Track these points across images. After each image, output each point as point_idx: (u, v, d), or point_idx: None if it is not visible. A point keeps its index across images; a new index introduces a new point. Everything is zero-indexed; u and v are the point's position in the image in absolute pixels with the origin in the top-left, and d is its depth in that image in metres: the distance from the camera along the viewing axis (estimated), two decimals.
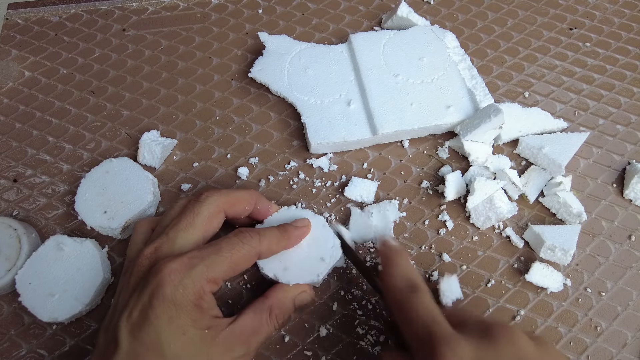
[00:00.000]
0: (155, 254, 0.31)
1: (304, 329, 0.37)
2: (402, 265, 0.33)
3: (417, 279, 0.32)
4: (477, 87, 0.46)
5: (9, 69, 0.50)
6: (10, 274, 0.37)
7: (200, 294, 0.29)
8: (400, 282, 0.32)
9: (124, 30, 0.53)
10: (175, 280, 0.29)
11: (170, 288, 0.28)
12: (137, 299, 0.29)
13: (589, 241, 0.41)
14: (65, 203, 0.42)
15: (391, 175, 0.44)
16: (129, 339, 0.28)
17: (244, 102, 0.48)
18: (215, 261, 0.30)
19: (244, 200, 0.36)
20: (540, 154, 0.43)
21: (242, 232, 0.33)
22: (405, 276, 0.32)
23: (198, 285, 0.29)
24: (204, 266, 0.30)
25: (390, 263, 0.33)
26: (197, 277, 0.29)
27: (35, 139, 0.46)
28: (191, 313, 0.29)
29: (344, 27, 0.53)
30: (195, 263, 0.30)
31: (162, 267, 0.29)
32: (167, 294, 0.28)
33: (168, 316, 0.28)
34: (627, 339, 0.37)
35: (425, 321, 0.28)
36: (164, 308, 0.28)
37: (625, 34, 0.53)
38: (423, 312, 0.29)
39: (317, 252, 0.36)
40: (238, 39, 0.52)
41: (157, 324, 0.28)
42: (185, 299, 0.29)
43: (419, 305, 0.30)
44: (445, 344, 0.26)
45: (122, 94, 0.48)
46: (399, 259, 0.34)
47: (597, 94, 0.49)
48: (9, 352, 0.36)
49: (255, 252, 0.32)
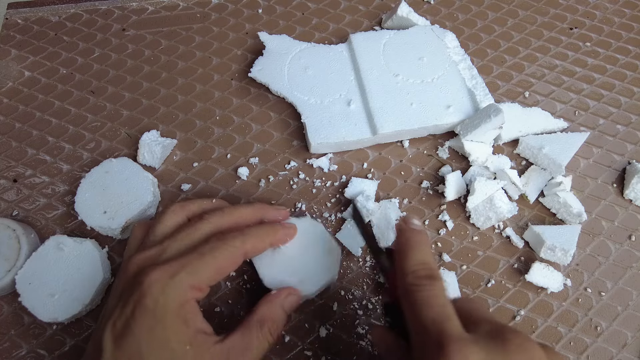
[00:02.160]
0: (144, 262, 0.30)
1: (304, 329, 0.37)
2: (422, 249, 0.30)
3: (435, 267, 0.30)
4: (477, 87, 0.46)
5: (8, 69, 0.50)
6: (10, 274, 0.37)
7: (181, 303, 0.29)
8: (416, 267, 0.29)
9: (123, 30, 0.53)
10: (156, 291, 0.28)
11: (152, 299, 0.28)
12: (121, 309, 0.29)
13: (589, 241, 0.41)
14: (65, 203, 0.42)
15: (391, 175, 0.44)
16: (112, 347, 0.28)
17: (244, 102, 0.48)
18: (197, 267, 0.30)
19: (247, 220, 0.35)
20: (541, 154, 0.43)
21: (224, 234, 0.32)
22: (423, 261, 0.29)
23: (181, 292, 0.29)
24: (186, 274, 0.29)
25: (410, 244, 0.30)
26: (179, 285, 0.29)
27: (35, 139, 0.46)
28: (172, 325, 0.28)
29: (344, 27, 0.53)
30: (177, 271, 0.29)
31: (145, 277, 0.29)
32: (148, 306, 0.28)
33: (148, 327, 0.28)
34: (627, 339, 0.37)
35: (437, 316, 0.27)
36: (146, 320, 0.28)
37: (626, 33, 0.53)
38: (436, 305, 0.27)
39: (318, 263, 0.36)
40: (238, 38, 0.52)
41: (138, 335, 0.28)
42: (166, 309, 0.28)
43: (432, 297, 0.28)
44: (456, 345, 0.25)
45: (122, 94, 0.48)
46: (419, 242, 0.30)
47: (598, 94, 0.49)
48: (9, 352, 0.36)
49: (240, 253, 0.32)
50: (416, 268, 0.29)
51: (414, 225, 0.31)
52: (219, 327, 0.37)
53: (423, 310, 0.27)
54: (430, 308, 0.27)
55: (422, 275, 0.29)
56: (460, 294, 0.38)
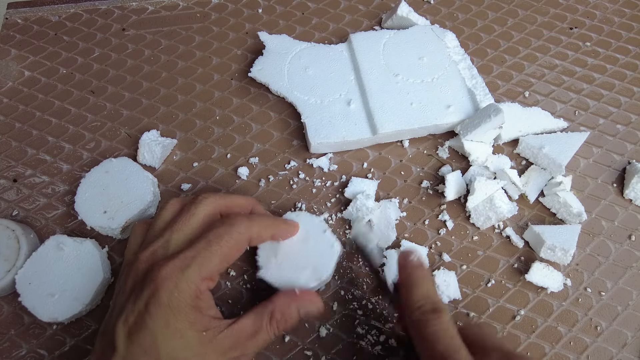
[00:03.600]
0: (152, 258, 0.31)
1: (304, 328, 0.37)
2: (424, 284, 0.32)
3: (439, 299, 0.31)
4: (477, 87, 0.46)
5: (8, 69, 0.50)
6: (10, 274, 0.37)
7: (196, 294, 0.29)
8: (421, 302, 0.30)
9: (123, 30, 0.53)
10: (170, 286, 0.29)
11: (166, 294, 0.28)
12: (134, 304, 0.29)
13: (589, 241, 0.41)
14: (65, 203, 0.42)
15: (391, 175, 0.44)
16: (125, 342, 0.28)
17: (243, 102, 0.48)
18: (206, 258, 0.30)
19: (240, 205, 0.36)
20: (541, 154, 0.43)
21: (229, 219, 0.32)
22: (427, 296, 0.31)
23: (193, 286, 0.29)
24: (196, 265, 0.30)
25: (412, 281, 0.32)
26: (191, 279, 0.29)
27: (35, 139, 0.46)
28: (189, 315, 0.29)
29: (344, 27, 0.53)
30: (188, 264, 0.29)
31: (157, 274, 0.29)
32: (163, 300, 0.28)
33: (165, 321, 0.28)
34: (627, 339, 0.37)
35: (446, 349, 0.28)
36: (161, 313, 0.28)
37: (626, 33, 0.53)
38: (444, 337, 0.28)
39: (318, 257, 0.36)
40: (238, 38, 0.52)
41: (153, 328, 0.28)
42: (181, 303, 0.29)
43: (440, 330, 0.29)
44: None
45: (122, 94, 0.48)
46: (421, 277, 0.32)
47: (597, 94, 0.49)
48: (9, 352, 0.36)
49: (245, 238, 0.32)
50: (421, 304, 0.30)
51: (413, 261, 0.33)
52: None
53: (432, 342, 0.28)
54: (439, 341, 0.28)
55: (428, 310, 0.30)
56: (460, 293, 0.38)
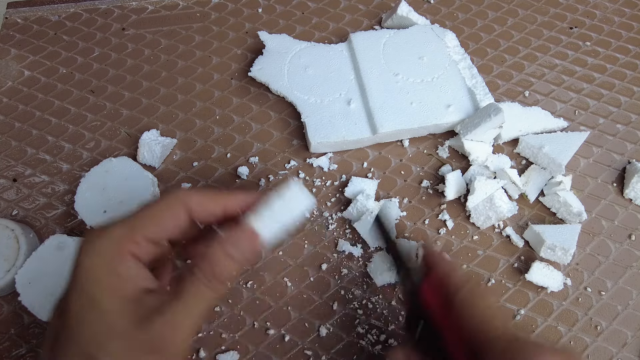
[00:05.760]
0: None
1: (304, 328, 0.37)
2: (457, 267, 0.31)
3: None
4: (477, 86, 0.46)
5: (8, 68, 0.50)
6: (10, 274, 0.37)
7: (111, 256, 0.26)
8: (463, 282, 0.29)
9: (123, 29, 0.52)
10: (90, 248, 0.27)
11: (86, 256, 0.27)
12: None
13: (589, 240, 0.41)
14: (64, 202, 0.42)
15: (391, 174, 0.44)
16: (54, 323, 0.27)
17: (243, 101, 0.48)
18: (132, 219, 0.28)
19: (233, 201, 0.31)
20: (541, 153, 0.43)
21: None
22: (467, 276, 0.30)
23: (109, 246, 0.27)
24: (117, 227, 0.27)
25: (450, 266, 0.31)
26: (109, 238, 0.27)
27: (34, 139, 0.46)
28: (107, 279, 0.26)
29: (343, 26, 0.53)
30: (111, 227, 0.27)
31: (84, 239, 0.27)
32: (83, 263, 0.26)
33: (81, 286, 0.26)
34: (627, 338, 0.37)
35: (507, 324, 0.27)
36: (79, 277, 0.26)
37: (626, 33, 0.53)
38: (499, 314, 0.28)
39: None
40: (238, 38, 0.52)
41: (70, 294, 0.26)
42: (100, 264, 0.26)
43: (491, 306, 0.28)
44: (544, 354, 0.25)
45: (122, 93, 0.48)
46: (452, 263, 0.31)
47: (597, 93, 0.49)
48: (9, 351, 0.36)
49: (179, 203, 0.28)
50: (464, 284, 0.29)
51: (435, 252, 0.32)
52: (219, 327, 0.37)
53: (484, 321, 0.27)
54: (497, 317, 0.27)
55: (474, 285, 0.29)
56: None
